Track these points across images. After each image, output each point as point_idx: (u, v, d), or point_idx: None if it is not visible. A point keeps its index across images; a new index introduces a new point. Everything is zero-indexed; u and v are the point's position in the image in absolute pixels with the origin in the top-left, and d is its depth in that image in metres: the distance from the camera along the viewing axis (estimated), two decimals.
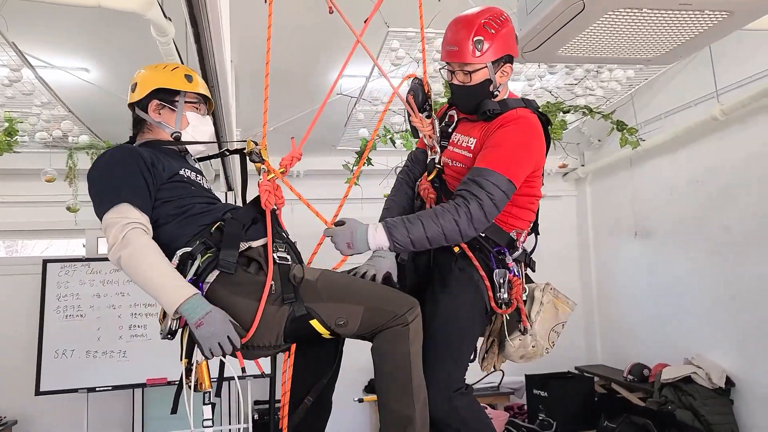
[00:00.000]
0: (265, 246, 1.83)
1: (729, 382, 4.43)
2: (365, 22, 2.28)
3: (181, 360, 1.77)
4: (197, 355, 1.76)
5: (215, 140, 2.13)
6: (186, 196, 1.87)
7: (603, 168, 6.16)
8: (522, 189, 1.98)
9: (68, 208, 4.61)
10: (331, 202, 3.46)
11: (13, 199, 5.29)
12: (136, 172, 1.78)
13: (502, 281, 2.02)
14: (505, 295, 2.02)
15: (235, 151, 2.07)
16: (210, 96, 2.11)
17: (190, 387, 1.75)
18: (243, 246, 1.82)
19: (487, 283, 2.02)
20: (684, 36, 2.57)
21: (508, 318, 2.09)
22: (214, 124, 2.81)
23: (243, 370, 1.77)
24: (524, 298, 2.10)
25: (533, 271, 2.21)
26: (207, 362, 1.78)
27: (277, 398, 2.30)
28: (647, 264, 5.57)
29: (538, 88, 4.01)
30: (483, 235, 2.04)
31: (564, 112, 4.09)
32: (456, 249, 2.03)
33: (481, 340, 2.20)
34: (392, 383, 1.80)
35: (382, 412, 1.84)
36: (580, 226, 6.66)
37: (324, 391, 2.00)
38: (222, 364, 1.88)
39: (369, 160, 4.62)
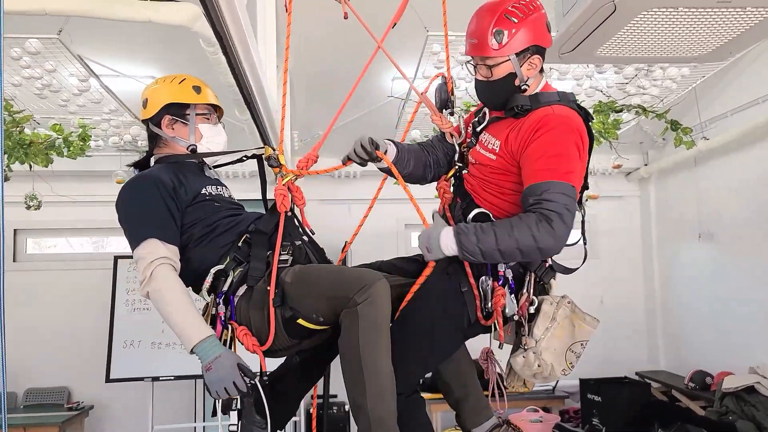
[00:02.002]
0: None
1: None
2: (391, 26, 2.29)
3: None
4: None
5: (229, 150, 2.16)
6: (210, 214, 1.92)
7: (667, 168, 5.92)
8: None
9: None
10: (389, 202, 3.52)
11: (91, 199, 5.66)
12: (159, 203, 1.83)
13: (486, 289, 1.87)
14: (489, 305, 1.87)
15: (253, 156, 2.12)
16: (219, 104, 2.13)
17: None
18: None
19: (476, 291, 1.88)
20: (729, 33, 2.49)
21: (495, 328, 1.91)
22: (258, 129, 2.95)
23: (263, 374, 1.84)
24: (531, 311, 1.93)
25: (544, 282, 1.98)
26: None
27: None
28: (711, 268, 5.34)
29: (588, 88, 3.94)
30: None
31: (616, 112, 4.00)
32: None
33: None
34: (346, 368, 1.75)
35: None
36: (644, 228, 6.44)
37: (319, 361, 2.03)
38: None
39: None
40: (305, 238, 2.03)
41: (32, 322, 5.55)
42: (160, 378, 4.76)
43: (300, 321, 1.80)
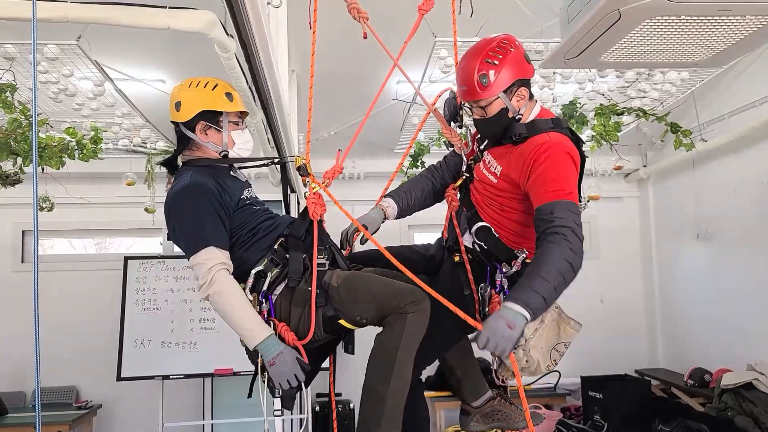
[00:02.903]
0: (310, 256, 2.03)
1: None
2: (405, 42, 2.35)
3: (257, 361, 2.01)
4: None
5: (256, 156, 2.30)
6: (251, 218, 2.07)
7: (665, 169, 6.04)
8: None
9: (146, 209, 4.99)
10: None
11: (98, 200, 5.73)
12: (212, 212, 1.96)
13: (485, 295, 2.06)
14: (486, 310, 2.05)
15: (279, 162, 2.29)
16: (247, 111, 2.26)
17: (264, 382, 2.02)
18: None
19: (476, 296, 2.08)
20: (729, 40, 2.56)
21: None
22: (272, 133, 3.04)
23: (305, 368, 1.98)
24: None
25: None
26: None
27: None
28: (709, 267, 5.45)
29: (590, 91, 4.03)
30: (485, 248, 2.09)
31: (617, 115, 4.10)
32: (456, 258, 2.12)
33: None
34: (378, 358, 1.94)
35: (363, 387, 1.96)
36: (643, 228, 6.56)
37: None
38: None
39: (423, 162, 4.76)
40: (331, 240, 2.17)
41: (39, 322, 5.60)
42: (170, 376, 4.84)
43: (341, 321, 1.99)
